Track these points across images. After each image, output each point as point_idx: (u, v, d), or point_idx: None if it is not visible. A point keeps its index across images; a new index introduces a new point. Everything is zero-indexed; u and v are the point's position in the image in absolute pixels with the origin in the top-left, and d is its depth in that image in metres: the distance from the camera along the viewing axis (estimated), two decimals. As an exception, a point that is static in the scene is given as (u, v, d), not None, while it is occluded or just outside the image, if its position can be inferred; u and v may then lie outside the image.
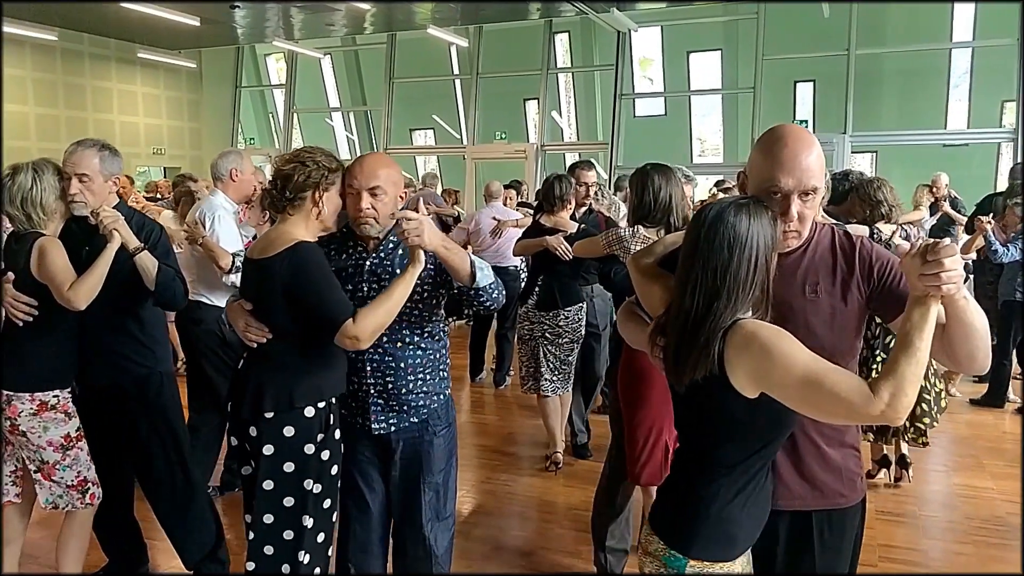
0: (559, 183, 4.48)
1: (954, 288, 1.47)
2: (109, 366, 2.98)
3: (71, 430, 2.87)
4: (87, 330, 2.90)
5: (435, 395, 2.55)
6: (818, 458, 1.81)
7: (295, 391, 2.31)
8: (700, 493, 1.68)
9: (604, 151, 13.81)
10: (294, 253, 2.25)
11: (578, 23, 15.02)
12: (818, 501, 1.82)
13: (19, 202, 2.76)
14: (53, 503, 2.88)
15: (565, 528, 3.93)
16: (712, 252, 1.62)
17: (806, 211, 1.72)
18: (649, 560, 1.72)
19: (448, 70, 16.49)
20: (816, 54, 13.49)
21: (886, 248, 2.61)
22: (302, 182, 2.34)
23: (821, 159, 1.73)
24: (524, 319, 4.59)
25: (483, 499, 4.27)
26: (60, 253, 2.74)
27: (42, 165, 2.82)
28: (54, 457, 2.83)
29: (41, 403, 2.81)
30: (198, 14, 12.37)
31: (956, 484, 4.54)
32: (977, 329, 1.58)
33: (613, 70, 13.84)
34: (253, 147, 17.15)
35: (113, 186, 2.91)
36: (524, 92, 15.90)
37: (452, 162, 16.52)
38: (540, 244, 4.42)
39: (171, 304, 3.01)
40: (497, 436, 5.39)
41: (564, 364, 4.58)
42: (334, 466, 2.42)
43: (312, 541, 2.38)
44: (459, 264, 2.35)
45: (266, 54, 17.65)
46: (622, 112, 13.86)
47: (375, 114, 16.36)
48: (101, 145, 2.89)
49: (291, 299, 2.26)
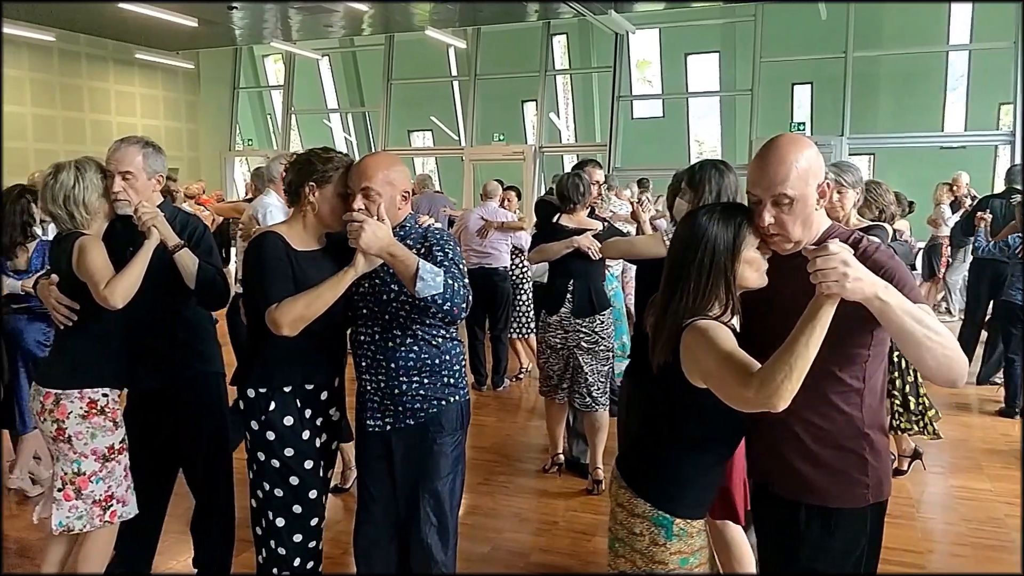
0: (579, 181, 4.27)
1: (834, 287, 1.55)
2: (155, 369, 2.91)
3: (115, 441, 2.79)
4: (132, 331, 2.82)
5: (435, 400, 2.54)
6: (804, 454, 1.87)
7: (248, 371, 2.54)
8: (680, 462, 1.92)
9: (602, 152, 13.81)
10: (252, 243, 2.46)
11: (576, 25, 15.04)
12: (806, 496, 1.88)
13: (62, 200, 2.70)
14: (67, 526, 2.72)
15: (562, 530, 3.92)
16: (676, 252, 1.88)
17: (784, 217, 1.80)
18: (637, 520, 1.93)
19: (446, 71, 16.50)
20: (813, 56, 13.53)
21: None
22: (295, 180, 2.39)
23: (801, 168, 1.78)
24: (556, 327, 4.29)
25: (480, 500, 4.26)
26: (99, 251, 2.67)
27: (85, 163, 2.75)
28: (93, 467, 2.73)
29: (91, 402, 2.72)
30: (196, 15, 12.36)
31: (954, 486, 4.54)
32: (912, 334, 1.61)
33: (611, 72, 13.86)
34: (251, 148, 17.16)
35: (157, 184, 2.86)
36: (522, 94, 15.92)
37: (450, 163, 16.54)
38: (569, 246, 4.17)
39: (212, 303, 2.96)
40: (495, 437, 5.38)
41: (603, 377, 4.32)
42: (287, 448, 2.51)
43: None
44: (404, 269, 2.32)
45: (264, 55, 17.65)
46: (620, 114, 13.88)
47: (373, 115, 16.37)
48: (145, 143, 2.84)
49: (245, 284, 2.52)
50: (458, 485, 2.63)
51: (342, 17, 13.44)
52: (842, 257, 1.55)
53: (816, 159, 1.83)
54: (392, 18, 13.73)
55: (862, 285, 1.56)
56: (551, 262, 4.33)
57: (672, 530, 1.89)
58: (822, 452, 1.85)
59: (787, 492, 1.91)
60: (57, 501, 2.73)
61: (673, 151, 15.88)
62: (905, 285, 1.72)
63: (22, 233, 3.98)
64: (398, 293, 2.46)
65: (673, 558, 1.90)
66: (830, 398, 1.84)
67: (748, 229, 1.83)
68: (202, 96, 16.69)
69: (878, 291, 1.58)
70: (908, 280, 1.76)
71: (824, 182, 1.84)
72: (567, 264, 4.23)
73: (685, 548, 1.91)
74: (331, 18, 13.49)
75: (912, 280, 1.78)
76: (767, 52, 12.81)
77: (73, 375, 2.74)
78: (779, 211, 1.79)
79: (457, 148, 15.62)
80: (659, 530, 1.90)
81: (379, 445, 2.57)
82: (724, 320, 1.82)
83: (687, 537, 1.91)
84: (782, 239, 1.83)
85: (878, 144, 13.73)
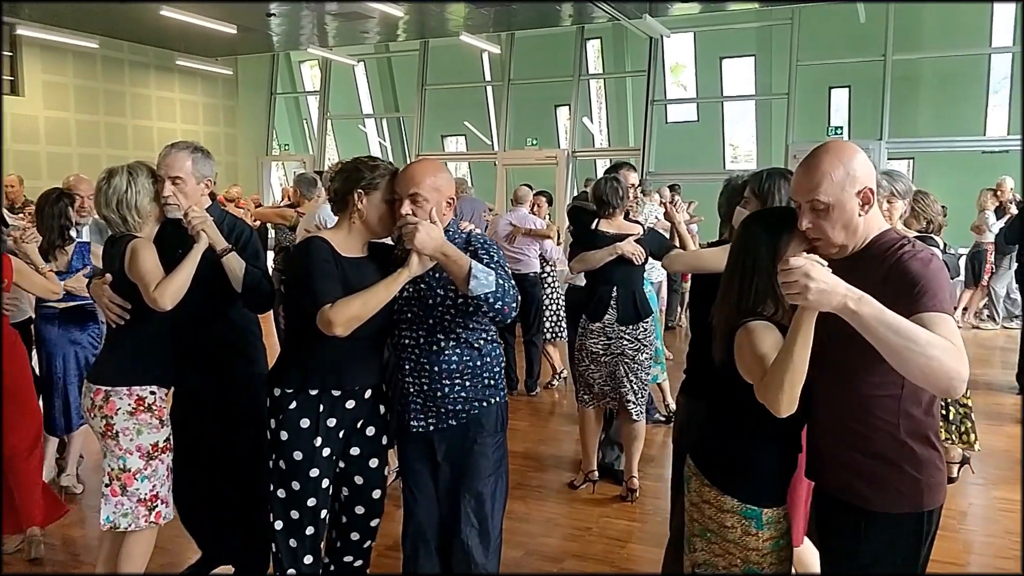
0: (616, 185, 4.19)
1: (797, 298, 1.63)
2: (200, 369, 2.97)
3: (160, 439, 2.85)
4: (180, 332, 2.88)
5: (476, 401, 2.59)
6: (841, 454, 1.90)
7: (281, 372, 2.60)
8: (757, 455, 1.99)
9: (636, 157, 13.77)
10: (298, 246, 2.53)
11: (610, 29, 15.01)
12: (843, 494, 1.91)
13: (115, 205, 2.78)
14: (114, 522, 2.80)
15: (596, 536, 3.91)
16: (731, 256, 2.01)
17: (821, 223, 1.84)
18: (727, 515, 2.01)
19: (480, 77, 16.57)
20: (851, 59, 13.34)
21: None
22: (343, 187, 2.41)
23: (837, 175, 1.81)
24: (598, 335, 4.19)
25: (512, 505, 4.24)
26: (150, 254, 2.74)
27: (136, 168, 2.83)
28: (137, 464, 2.80)
29: (139, 399, 2.79)
30: (235, 22, 12.56)
31: (996, 498, 4.44)
32: (888, 344, 1.62)
33: (645, 76, 13.81)
34: (287, 153, 17.37)
35: (205, 188, 2.93)
36: (555, 98, 15.91)
37: (483, 168, 16.59)
38: (613, 253, 4.09)
39: (258, 306, 3.01)
40: (528, 442, 5.39)
41: (645, 384, 4.27)
42: (296, 452, 2.53)
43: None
44: (456, 270, 2.39)
45: (301, 61, 17.86)
46: (654, 118, 13.82)
47: (407, 120, 16.48)
48: (194, 148, 2.91)
49: (288, 287, 2.60)
50: (501, 488, 2.65)
51: (378, 23, 13.56)
52: (804, 270, 1.60)
53: (859, 166, 1.83)
54: (427, 24, 13.82)
55: (827, 297, 1.60)
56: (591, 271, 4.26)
57: (762, 520, 2.00)
58: (856, 456, 1.87)
59: (828, 488, 1.97)
60: (105, 497, 2.81)
61: (707, 156, 15.78)
62: (926, 293, 1.71)
63: (60, 235, 4.10)
64: (443, 297, 2.51)
65: (766, 544, 2.01)
66: (865, 404, 1.85)
67: (793, 233, 1.90)
68: (240, 102, 16.94)
69: (848, 303, 1.61)
70: (932, 289, 1.73)
71: (866, 188, 1.83)
72: (609, 270, 4.15)
73: (775, 532, 2.02)
74: (367, 24, 13.62)
75: (940, 290, 1.74)
76: (804, 55, 12.67)
77: (122, 373, 2.81)
78: (816, 216, 1.84)
79: (490, 153, 15.67)
80: (749, 522, 2.00)
81: (421, 446, 2.62)
82: (777, 319, 1.90)
83: (775, 523, 2.02)
84: (824, 244, 1.86)
85: (918, 148, 13.49)
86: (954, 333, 1.67)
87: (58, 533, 3.90)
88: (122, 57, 14.66)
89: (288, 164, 17.49)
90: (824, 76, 14.11)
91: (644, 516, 4.12)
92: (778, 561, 2.04)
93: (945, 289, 1.76)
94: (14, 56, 13.08)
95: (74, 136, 13.95)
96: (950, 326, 1.68)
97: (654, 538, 3.87)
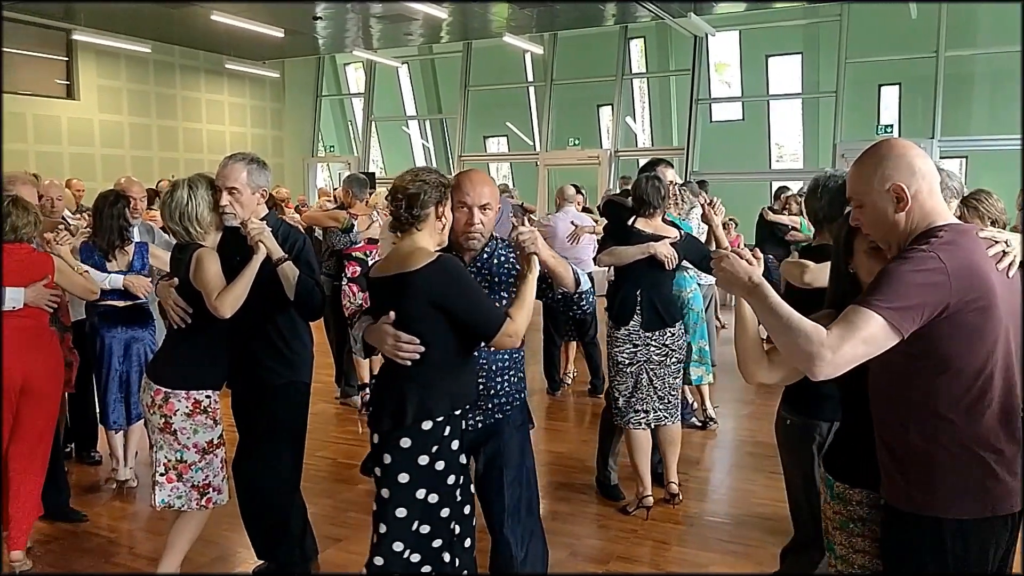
0: (658, 184, 4.03)
1: (719, 281, 1.91)
2: (252, 374, 3.10)
3: (214, 436, 3.04)
4: (236, 337, 3.02)
5: (515, 395, 2.72)
6: (884, 453, 1.90)
7: (430, 403, 2.36)
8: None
9: (679, 156, 13.67)
10: (441, 265, 2.33)
11: (654, 28, 14.91)
12: (885, 492, 1.91)
13: (177, 217, 2.93)
14: (168, 503, 2.99)
15: (641, 538, 3.90)
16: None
17: (861, 219, 1.90)
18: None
19: (523, 77, 16.58)
20: (902, 56, 13.06)
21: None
22: (427, 199, 2.42)
23: (864, 173, 1.85)
24: (624, 342, 4.03)
25: (557, 506, 4.27)
26: (214, 264, 2.88)
27: (196, 180, 2.98)
28: (193, 458, 2.99)
29: (195, 402, 2.97)
30: (282, 25, 12.77)
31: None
32: (765, 322, 1.82)
33: (689, 75, 13.70)
34: (332, 154, 17.59)
35: (261, 198, 3.04)
36: (598, 98, 15.87)
37: (525, 168, 16.61)
38: (645, 252, 3.93)
39: (309, 313, 3.09)
40: (572, 443, 5.39)
41: (673, 389, 4.09)
42: (450, 476, 2.43)
43: (427, 545, 2.42)
44: (564, 271, 2.58)
45: (346, 63, 18.07)
46: (698, 117, 13.70)
47: (450, 122, 16.58)
48: (250, 159, 3.02)
49: (441, 310, 2.33)
50: (533, 481, 2.71)
51: (421, 25, 13.68)
52: (719, 259, 1.87)
53: (891, 162, 1.82)
54: (470, 25, 13.90)
55: (730, 280, 1.86)
56: (617, 268, 4.11)
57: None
58: (893, 457, 1.87)
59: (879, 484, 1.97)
60: (160, 484, 2.99)
61: (752, 155, 15.57)
62: (873, 288, 1.74)
63: (119, 236, 4.22)
64: (501, 298, 2.59)
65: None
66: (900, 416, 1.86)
67: (856, 231, 2.01)
68: (286, 104, 17.21)
69: (744, 289, 1.84)
70: (881, 285, 1.72)
71: (895, 184, 1.80)
72: (636, 272, 3.99)
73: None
74: (411, 26, 13.74)
75: (889, 288, 1.71)
76: (853, 52, 12.44)
77: (182, 377, 2.99)
78: (859, 212, 1.90)
79: (532, 153, 15.69)
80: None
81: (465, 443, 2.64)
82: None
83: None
84: (874, 238, 1.94)
85: (971, 146, 13.16)
86: (853, 327, 1.68)
87: (105, 524, 4.04)
88: (173, 61, 14.99)
89: (333, 165, 17.72)
90: (873, 73, 13.84)
91: (689, 519, 4.09)
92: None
93: (897, 289, 1.71)
94: (70, 61, 13.47)
95: (127, 138, 14.31)
96: (861, 321, 1.68)
97: (700, 541, 3.85)
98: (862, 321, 1.69)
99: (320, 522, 3.80)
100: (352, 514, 4.16)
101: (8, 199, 3.38)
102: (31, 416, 3.44)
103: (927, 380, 1.81)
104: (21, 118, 12.64)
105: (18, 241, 3.37)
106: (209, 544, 3.58)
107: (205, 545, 3.53)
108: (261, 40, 13.53)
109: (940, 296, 1.71)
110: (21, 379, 3.36)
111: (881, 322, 1.69)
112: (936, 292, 1.71)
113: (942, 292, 1.71)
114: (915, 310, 1.71)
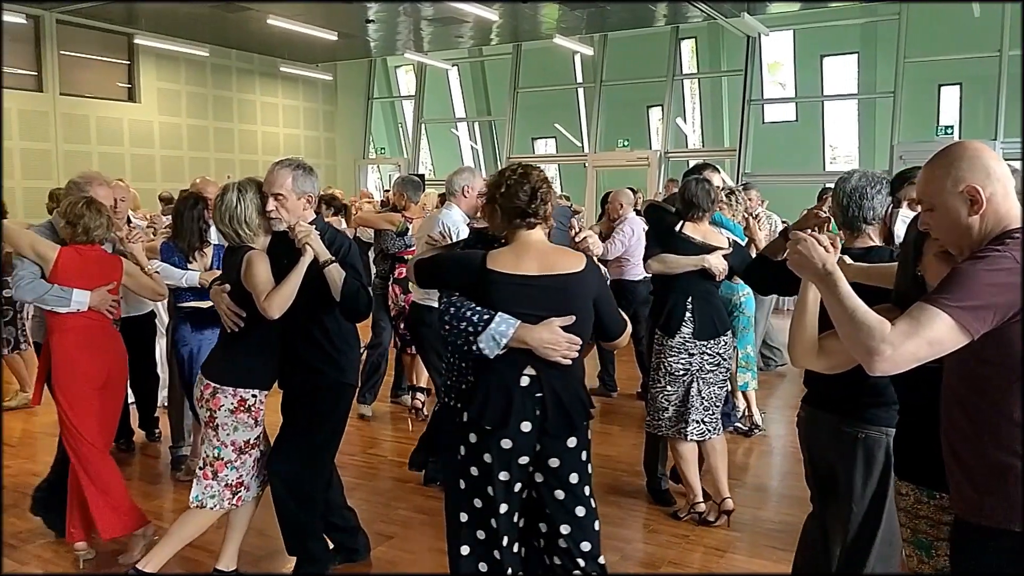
0: (708, 187, 3.97)
1: (791, 262, 1.90)
2: (299, 374, 3.15)
3: (252, 437, 3.12)
4: (285, 338, 3.09)
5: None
6: (947, 454, 1.88)
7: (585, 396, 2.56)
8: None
9: (731, 158, 13.50)
10: (594, 264, 2.49)
11: (705, 29, 14.76)
12: (953, 501, 1.89)
13: (227, 220, 3.01)
14: (201, 501, 3.08)
15: (693, 544, 3.87)
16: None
17: (930, 222, 1.84)
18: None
19: (572, 79, 16.56)
20: (963, 56, 12.71)
21: None
22: (544, 199, 2.47)
23: (935, 175, 1.80)
24: (678, 351, 3.95)
25: (608, 509, 4.24)
26: (264, 266, 2.95)
27: (246, 184, 3.06)
28: (229, 456, 3.08)
29: (241, 400, 3.05)
30: (335, 28, 12.97)
31: None
32: (831, 311, 1.80)
33: (742, 75, 13.53)
34: (383, 156, 17.79)
35: (307, 203, 3.09)
36: (648, 99, 15.76)
37: (573, 170, 16.57)
38: (698, 264, 3.89)
39: (355, 315, 3.13)
40: (623, 446, 5.36)
41: (718, 401, 4.04)
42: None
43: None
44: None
45: (396, 66, 18.26)
46: (751, 118, 13.52)
47: (499, 124, 16.63)
48: (296, 165, 3.07)
49: (595, 309, 2.49)
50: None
51: (472, 27, 13.75)
52: (797, 241, 1.87)
53: (966, 164, 1.77)
54: (520, 27, 13.93)
55: (803, 264, 1.86)
56: (663, 275, 4.02)
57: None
58: (962, 466, 1.81)
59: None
60: (197, 478, 3.10)
61: (806, 157, 15.31)
62: (943, 288, 1.67)
63: (199, 238, 4.31)
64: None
65: None
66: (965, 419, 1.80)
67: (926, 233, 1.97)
68: (339, 106, 17.46)
69: (817, 276, 1.83)
70: (951, 286, 1.66)
71: (968, 187, 1.76)
72: (686, 281, 3.93)
73: None
74: (461, 29, 13.82)
75: (960, 289, 1.65)
76: (911, 52, 12.15)
77: (230, 374, 3.06)
78: (928, 216, 1.84)
79: (580, 155, 15.65)
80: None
81: None
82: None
83: None
84: (944, 242, 1.88)
85: (1036, 148, 12.74)
86: (919, 325, 1.63)
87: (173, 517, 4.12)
88: (230, 64, 15.33)
89: (384, 167, 17.92)
90: (933, 73, 13.50)
91: (741, 526, 4.04)
92: None
93: (968, 288, 1.65)
94: (132, 64, 13.88)
95: (185, 140, 14.67)
96: (927, 320, 1.63)
97: (753, 549, 3.80)
98: (928, 320, 1.64)
99: (371, 520, 3.85)
100: (402, 511, 4.20)
101: (83, 200, 3.46)
102: (112, 410, 3.61)
103: (1000, 386, 1.74)
104: (85, 120, 13.06)
105: (90, 243, 3.47)
106: (265, 538, 3.65)
107: (260, 538, 3.60)
108: (314, 43, 13.76)
109: (1013, 297, 1.66)
110: (104, 376, 3.50)
111: (949, 322, 1.63)
112: (1009, 293, 1.65)
113: (1015, 293, 1.66)
114: (986, 310, 1.64)
